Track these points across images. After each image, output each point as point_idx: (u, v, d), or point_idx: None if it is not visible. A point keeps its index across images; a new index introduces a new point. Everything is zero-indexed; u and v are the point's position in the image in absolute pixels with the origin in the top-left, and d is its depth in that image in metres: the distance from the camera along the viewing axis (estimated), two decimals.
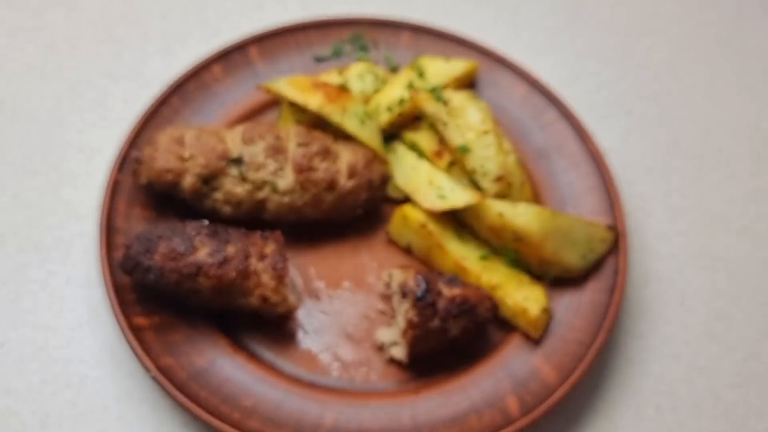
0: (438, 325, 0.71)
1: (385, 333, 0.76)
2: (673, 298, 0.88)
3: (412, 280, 0.71)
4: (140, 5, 1.05)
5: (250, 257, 0.70)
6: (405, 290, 0.72)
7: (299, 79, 0.85)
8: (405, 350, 0.73)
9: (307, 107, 0.82)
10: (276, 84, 0.84)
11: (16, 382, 0.73)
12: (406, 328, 0.71)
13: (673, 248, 0.92)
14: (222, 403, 0.68)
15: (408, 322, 0.70)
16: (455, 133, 0.83)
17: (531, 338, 0.77)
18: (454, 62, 0.92)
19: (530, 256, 0.80)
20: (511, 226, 0.78)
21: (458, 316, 0.71)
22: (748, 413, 0.80)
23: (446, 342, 0.72)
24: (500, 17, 1.12)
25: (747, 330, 0.87)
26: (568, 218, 0.80)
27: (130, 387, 0.73)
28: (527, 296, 0.76)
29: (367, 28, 0.97)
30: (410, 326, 0.70)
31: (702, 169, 1.00)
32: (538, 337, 0.76)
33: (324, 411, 0.70)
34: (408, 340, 0.71)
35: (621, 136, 1.02)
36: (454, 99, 0.84)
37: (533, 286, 0.78)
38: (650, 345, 0.84)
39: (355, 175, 0.80)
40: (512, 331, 0.79)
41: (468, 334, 0.73)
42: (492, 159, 0.82)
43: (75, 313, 0.77)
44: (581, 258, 0.80)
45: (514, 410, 0.71)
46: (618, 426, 0.78)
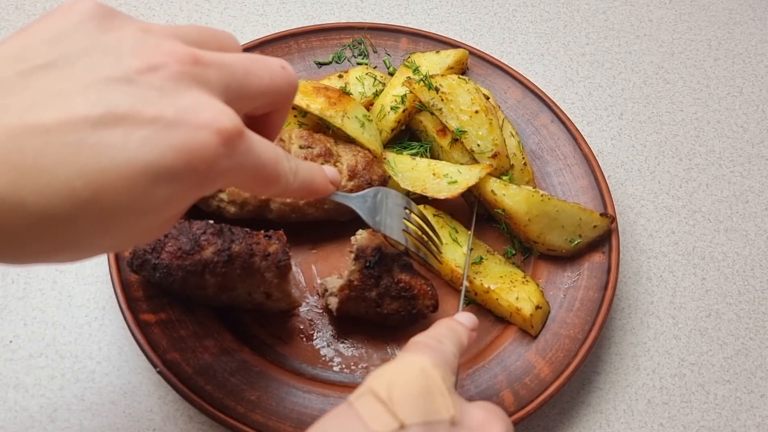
0: (373, 297, 0.73)
1: (331, 281, 0.78)
2: (664, 296, 0.90)
3: (370, 249, 0.73)
4: (145, 11, 1.07)
5: (255, 256, 0.71)
6: (359, 254, 0.74)
7: (301, 83, 0.87)
8: (336, 304, 0.75)
9: (309, 111, 0.84)
10: None
11: (25, 377, 0.74)
12: (344, 285, 0.73)
13: (664, 247, 0.94)
14: (227, 396, 0.70)
15: (347, 282, 0.73)
16: (450, 116, 0.85)
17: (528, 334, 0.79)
18: (444, 53, 0.94)
19: (518, 233, 0.84)
20: (501, 204, 0.81)
21: (395, 297, 0.73)
22: (738, 408, 0.82)
23: (376, 315, 0.75)
24: (495, 23, 1.14)
25: (736, 327, 0.88)
26: (558, 203, 0.82)
27: (137, 382, 0.75)
28: (519, 296, 0.78)
29: (366, 34, 0.99)
30: (348, 286, 0.73)
31: (692, 170, 1.02)
32: (536, 334, 0.78)
33: (326, 404, 0.72)
34: (340, 296, 0.74)
35: (613, 138, 1.04)
36: (444, 84, 0.86)
37: (525, 285, 0.80)
38: (642, 341, 0.86)
39: (356, 176, 0.82)
40: (507, 327, 0.81)
41: (399, 318, 0.75)
42: (485, 138, 0.84)
43: (83, 310, 0.79)
44: (567, 242, 0.82)
45: (509, 404, 0.73)
46: (610, 419, 0.79)
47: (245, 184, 0.44)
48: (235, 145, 0.40)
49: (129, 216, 0.37)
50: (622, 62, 1.13)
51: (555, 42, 1.13)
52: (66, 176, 0.34)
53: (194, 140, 0.37)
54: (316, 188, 0.51)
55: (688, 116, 1.08)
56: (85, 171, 0.34)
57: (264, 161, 0.43)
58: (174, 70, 0.38)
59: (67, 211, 0.34)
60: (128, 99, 0.36)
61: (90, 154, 0.34)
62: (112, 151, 0.35)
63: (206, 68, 0.40)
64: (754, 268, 0.94)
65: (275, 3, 1.10)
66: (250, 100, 0.43)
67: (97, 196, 0.35)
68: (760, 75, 1.15)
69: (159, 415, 0.73)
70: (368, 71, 0.94)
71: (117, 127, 0.35)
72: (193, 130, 0.37)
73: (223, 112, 0.39)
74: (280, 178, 0.45)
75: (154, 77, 0.38)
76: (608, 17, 1.18)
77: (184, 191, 0.38)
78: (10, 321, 0.77)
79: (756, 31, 1.20)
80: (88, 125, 0.35)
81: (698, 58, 1.15)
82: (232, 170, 0.40)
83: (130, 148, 0.35)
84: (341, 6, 1.11)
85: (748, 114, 1.09)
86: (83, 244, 0.38)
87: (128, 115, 0.36)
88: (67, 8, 0.39)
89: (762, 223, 0.98)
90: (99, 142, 0.35)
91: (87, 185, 0.34)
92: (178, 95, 0.38)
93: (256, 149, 0.42)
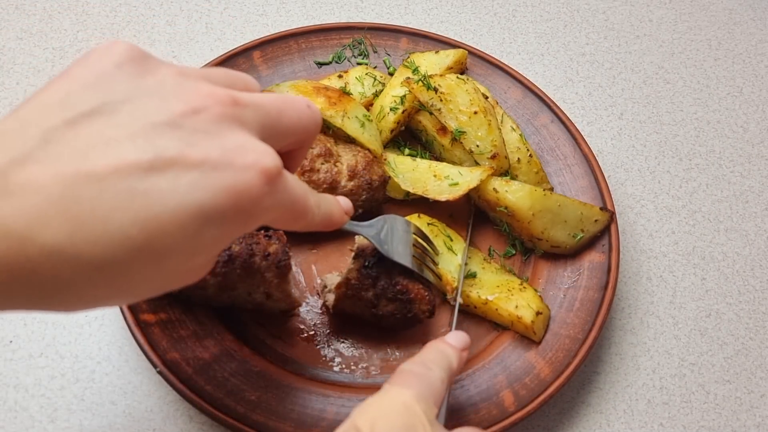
0: (370, 297, 0.73)
1: (330, 278, 0.78)
2: (664, 296, 0.90)
3: (370, 249, 0.74)
4: (147, 11, 1.07)
5: (255, 256, 0.71)
6: (359, 253, 0.74)
7: (302, 83, 0.87)
8: (332, 301, 0.75)
9: None
10: (279, 88, 0.86)
11: (25, 377, 0.74)
12: (341, 283, 0.73)
13: (664, 247, 0.94)
14: (227, 396, 0.70)
15: (345, 280, 0.73)
16: (449, 117, 0.86)
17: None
18: (443, 53, 0.94)
19: (521, 231, 0.83)
20: (503, 202, 0.81)
21: (391, 299, 0.73)
22: (738, 408, 0.82)
23: (371, 315, 0.75)
24: (495, 23, 1.15)
25: (736, 327, 0.89)
26: (560, 198, 0.83)
27: (137, 382, 0.75)
28: (518, 305, 0.78)
29: (366, 34, 0.99)
30: (345, 284, 0.73)
31: (692, 170, 1.02)
32: (539, 340, 0.78)
33: (326, 404, 0.72)
34: (337, 294, 0.74)
35: (613, 138, 1.04)
36: (443, 85, 0.86)
37: (523, 292, 0.80)
38: (642, 341, 0.86)
39: (355, 176, 0.82)
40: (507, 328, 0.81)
41: (395, 321, 0.75)
42: (484, 139, 0.84)
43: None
44: (571, 237, 0.82)
45: (509, 404, 0.73)
46: (611, 419, 0.79)
47: (279, 219, 0.45)
48: (277, 184, 0.41)
49: (180, 257, 0.38)
50: (622, 62, 1.13)
51: (555, 42, 1.13)
52: (120, 224, 0.35)
53: (241, 181, 0.38)
54: (334, 220, 0.53)
55: (688, 116, 1.08)
56: (140, 218, 0.35)
57: (297, 197, 0.44)
58: (216, 112, 0.39)
59: (123, 258, 0.35)
60: (175, 143, 0.37)
61: (143, 200, 0.35)
62: (164, 196, 0.36)
63: (244, 109, 0.41)
64: (754, 268, 0.94)
65: (275, 3, 1.10)
66: (282, 138, 0.45)
67: (150, 241, 0.36)
68: (760, 75, 1.15)
69: (159, 415, 0.73)
70: (368, 71, 0.94)
71: (167, 171, 0.36)
72: (239, 171, 0.38)
73: (266, 152, 0.40)
74: (308, 212, 0.47)
75: (197, 120, 0.38)
76: (608, 17, 1.19)
77: (230, 230, 0.39)
78: (10, 321, 0.77)
79: (756, 31, 1.20)
80: (139, 171, 0.35)
81: (698, 58, 1.15)
82: (272, 208, 0.41)
83: (181, 191, 0.36)
84: (341, 6, 1.11)
85: (748, 114, 1.09)
86: (134, 288, 0.38)
87: (176, 159, 0.36)
88: (104, 51, 0.40)
89: (762, 223, 0.98)
90: (151, 188, 0.35)
91: (141, 231, 0.35)
92: (222, 136, 0.39)
93: (291, 186, 0.43)
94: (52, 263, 0.34)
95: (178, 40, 1.05)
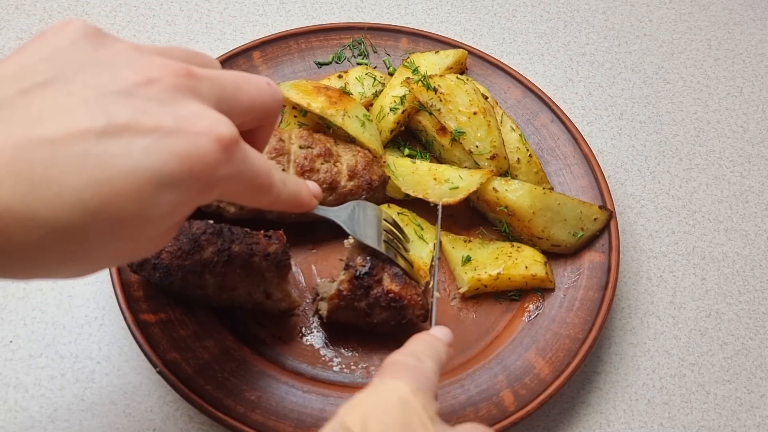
0: (363, 307, 0.73)
1: (323, 285, 0.77)
2: (664, 296, 0.90)
3: (360, 259, 0.73)
4: (147, 11, 1.07)
5: (254, 256, 0.71)
6: (349, 263, 0.73)
7: (302, 83, 0.87)
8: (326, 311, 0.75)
9: (311, 109, 0.84)
10: (281, 87, 0.87)
11: (25, 377, 0.74)
12: (334, 295, 0.73)
13: (664, 247, 0.94)
14: (226, 396, 0.70)
15: (337, 291, 0.72)
16: (448, 117, 0.86)
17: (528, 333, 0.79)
18: (443, 53, 0.95)
19: (521, 230, 0.83)
20: (504, 201, 0.82)
21: (385, 308, 0.73)
22: (738, 408, 0.82)
23: (366, 324, 0.74)
24: (495, 23, 1.15)
25: (736, 327, 0.89)
26: (560, 197, 0.83)
27: (137, 382, 0.75)
28: (527, 265, 0.81)
29: (366, 34, 1.00)
30: (337, 296, 0.72)
31: (692, 170, 1.02)
32: (554, 286, 0.81)
33: (326, 404, 0.72)
34: (330, 305, 0.73)
35: (613, 138, 1.04)
36: (442, 85, 0.86)
37: (522, 252, 0.82)
38: (642, 341, 0.86)
39: (355, 177, 0.82)
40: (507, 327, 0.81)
41: (388, 328, 0.75)
42: (484, 139, 0.85)
43: (83, 310, 0.79)
44: (571, 235, 0.83)
45: (509, 404, 0.73)
46: (610, 419, 0.80)
47: (241, 192, 0.45)
48: (233, 152, 0.41)
49: (136, 224, 0.38)
50: (622, 62, 1.13)
51: (555, 42, 1.13)
52: (74, 187, 0.34)
53: (195, 147, 0.38)
54: (301, 200, 0.53)
55: (688, 116, 1.08)
56: (93, 181, 0.35)
57: (259, 169, 0.44)
58: (170, 82, 0.39)
59: (77, 221, 0.35)
60: (128, 110, 0.37)
61: (96, 164, 0.35)
62: (117, 161, 0.36)
63: (199, 81, 0.41)
64: (754, 268, 0.94)
65: (275, 3, 1.11)
66: (239, 113, 0.45)
67: (105, 205, 0.35)
68: (760, 75, 1.15)
69: (159, 415, 0.73)
70: (368, 71, 0.94)
71: (120, 137, 0.36)
72: (192, 137, 0.38)
73: (221, 120, 0.40)
74: (273, 187, 0.47)
75: (151, 89, 0.39)
76: (608, 17, 1.19)
77: (186, 197, 0.39)
78: (10, 321, 0.78)
79: (756, 31, 1.20)
80: (92, 137, 0.35)
81: (698, 58, 1.15)
82: (230, 177, 0.41)
83: (134, 156, 0.36)
84: (341, 6, 1.11)
85: (748, 114, 1.09)
86: (91, 256, 0.38)
87: (129, 125, 0.36)
88: (60, 28, 0.40)
89: (762, 223, 0.98)
90: (104, 153, 0.35)
91: (95, 195, 0.35)
92: (176, 105, 0.39)
93: (251, 157, 0.43)
94: (5, 224, 0.33)
95: (178, 40, 1.05)
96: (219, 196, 0.43)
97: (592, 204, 0.84)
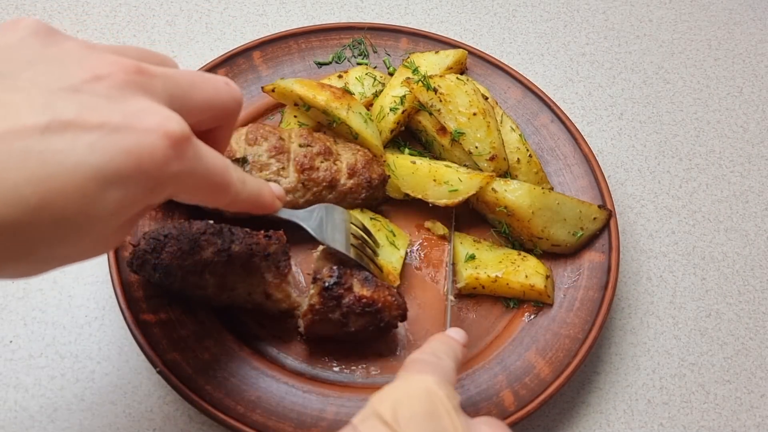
0: (338, 317, 0.71)
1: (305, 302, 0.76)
2: (664, 296, 0.90)
3: (327, 270, 0.72)
4: (147, 12, 1.07)
5: (254, 256, 0.71)
6: (316, 276, 0.72)
7: (305, 80, 0.87)
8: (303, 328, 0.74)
9: (315, 102, 0.84)
10: (285, 82, 0.87)
11: (25, 377, 0.74)
12: (307, 310, 0.72)
13: (664, 247, 0.94)
14: (226, 396, 0.70)
15: (309, 307, 0.71)
16: (448, 117, 0.86)
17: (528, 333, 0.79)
18: (443, 53, 0.95)
19: (521, 231, 0.83)
20: (503, 202, 0.81)
21: (360, 314, 0.71)
22: (738, 408, 0.82)
23: (345, 334, 0.73)
24: (495, 23, 1.15)
25: (736, 327, 0.89)
26: (559, 196, 0.83)
27: (137, 382, 0.75)
28: (527, 274, 0.80)
29: (366, 34, 1.00)
30: (310, 310, 0.71)
31: (692, 170, 1.02)
32: (551, 302, 0.80)
33: (325, 404, 0.72)
34: (305, 321, 0.72)
35: (613, 138, 1.04)
36: (442, 85, 0.86)
37: (526, 261, 0.82)
38: (642, 341, 0.86)
39: (355, 175, 0.82)
40: (507, 327, 0.81)
41: (368, 333, 0.73)
42: (483, 140, 0.85)
43: (83, 310, 0.79)
44: (570, 235, 0.83)
45: (509, 404, 0.73)
46: (611, 419, 0.80)
47: (196, 191, 0.44)
48: (184, 149, 0.40)
49: (81, 222, 0.37)
50: (622, 62, 1.13)
51: (555, 42, 1.13)
52: (14, 183, 0.34)
53: (142, 143, 0.38)
54: (263, 201, 0.52)
55: (688, 116, 1.08)
56: (34, 177, 0.34)
57: (213, 167, 0.43)
58: (119, 79, 0.39)
59: (17, 218, 0.34)
60: (74, 107, 0.36)
61: (38, 160, 0.34)
62: (60, 157, 0.35)
63: (151, 78, 0.41)
64: (754, 268, 0.94)
65: (275, 3, 1.11)
66: (194, 112, 0.44)
67: (46, 202, 0.35)
68: (760, 75, 1.15)
69: (159, 415, 0.73)
70: (368, 71, 0.94)
71: (64, 133, 0.35)
72: (141, 133, 0.38)
73: (170, 116, 0.40)
74: (230, 186, 0.46)
75: (99, 86, 0.38)
76: (608, 17, 1.19)
77: (134, 195, 0.38)
78: (10, 321, 0.78)
79: (756, 31, 1.20)
80: (35, 133, 0.35)
81: (698, 58, 1.15)
82: (181, 175, 0.40)
83: (78, 153, 0.35)
84: (341, 6, 1.11)
85: (748, 114, 1.10)
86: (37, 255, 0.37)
87: (74, 121, 0.36)
88: (10, 25, 0.40)
89: (762, 223, 0.98)
90: (47, 149, 0.35)
91: (36, 191, 0.34)
92: (125, 102, 0.38)
93: (205, 155, 0.42)
94: None
95: (178, 40, 1.05)
96: (173, 196, 0.42)
97: (591, 203, 0.84)
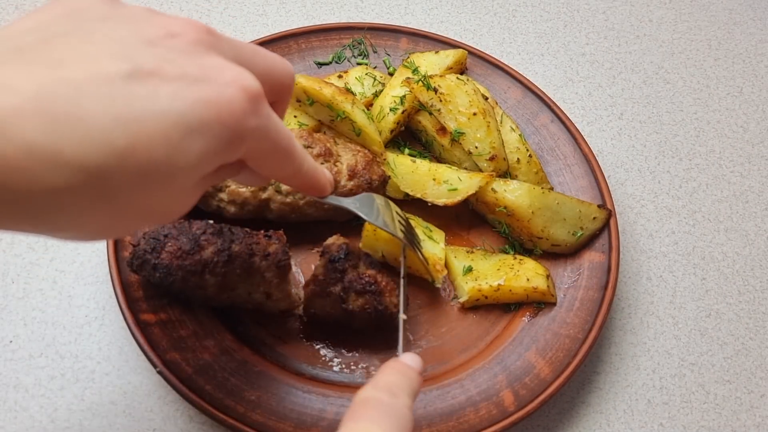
0: (338, 292, 0.71)
1: None
2: (664, 296, 0.90)
3: (336, 246, 0.73)
4: None
5: (255, 256, 0.71)
6: (325, 250, 0.73)
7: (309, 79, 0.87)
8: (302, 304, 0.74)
9: (320, 95, 0.84)
10: None
11: (25, 377, 0.74)
12: (309, 280, 0.72)
13: (664, 247, 0.94)
14: (226, 396, 0.70)
15: (312, 277, 0.72)
16: (448, 117, 0.86)
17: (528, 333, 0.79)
18: (443, 53, 0.95)
19: (521, 231, 0.83)
20: (502, 202, 0.82)
21: (360, 293, 0.71)
22: (738, 408, 0.82)
23: (343, 314, 0.73)
24: (496, 23, 1.15)
25: (736, 327, 0.89)
26: (559, 196, 0.83)
27: (137, 382, 0.75)
28: (528, 277, 0.80)
29: (366, 34, 1.00)
30: (312, 280, 0.72)
31: (692, 170, 1.02)
32: (555, 300, 0.80)
33: (326, 404, 0.72)
34: (305, 292, 0.73)
35: (613, 138, 1.04)
36: (442, 85, 0.86)
37: (524, 264, 0.82)
38: (642, 341, 0.86)
39: (355, 176, 0.82)
40: (507, 326, 0.81)
41: (367, 317, 0.73)
42: (483, 140, 0.85)
43: (83, 310, 0.79)
44: (570, 235, 0.83)
45: (509, 404, 0.73)
46: (611, 419, 0.80)
47: (267, 154, 0.43)
48: (259, 105, 0.40)
49: (164, 171, 0.36)
50: (622, 62, 1.13)
51: (555, 42, 1.13)
52: (102, 126, 0.33)
53: (222, 95, 0.38)
54: (320, 181, 0.52)
55: (688, 116, 1.08)
56: (121, 120, 0.34)
57: (284, 132, 0.44)
58: (192, 37, 0.39)
59: (104, 162, 0.33)
60: (153, 59, 0.37)
61: (124, 104, 0.34)
62: (145, 102, 0.35)
63: (219, 39, 0.41)
64: (754, 268, 0.94)
65: (275, 3, 1.11)
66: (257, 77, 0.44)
67: (133, 146, 0.34)
68: (760, 75, 1.15)
69: (159, 415, 0.73)
70: (368, 71, 0.94)
71: (146, 82, 0.35)
72: (219, 86, 0.38)
73: (245, 73, 0.40)
74: (296, 156, 0.46)
75: (174, 42, 0.39)
76: (608, 17, 1.19)
77: (215, 146, 0.38)
78: (10, 321, 0.78)
79: (756, 31, 1.20)
80: (118, 79, 0.35)
81: (698, 58, 1.15)
82: (256, 132, 0.40)
83: (161, 101, 0.35)
84: (341, 6, 1.11)
85: (748, 114, 1.10)
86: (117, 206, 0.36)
87: (155, 71, 0.36)
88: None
89: (762, 223, 0.98)
90: (131, 94, 0.35)
91: (123, 135, 0.34)
92: (200, 57, 0.39)
93: (276, 117, 0.43)
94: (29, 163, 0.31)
95: None
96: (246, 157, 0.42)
97: (591, 203, 0.84)
